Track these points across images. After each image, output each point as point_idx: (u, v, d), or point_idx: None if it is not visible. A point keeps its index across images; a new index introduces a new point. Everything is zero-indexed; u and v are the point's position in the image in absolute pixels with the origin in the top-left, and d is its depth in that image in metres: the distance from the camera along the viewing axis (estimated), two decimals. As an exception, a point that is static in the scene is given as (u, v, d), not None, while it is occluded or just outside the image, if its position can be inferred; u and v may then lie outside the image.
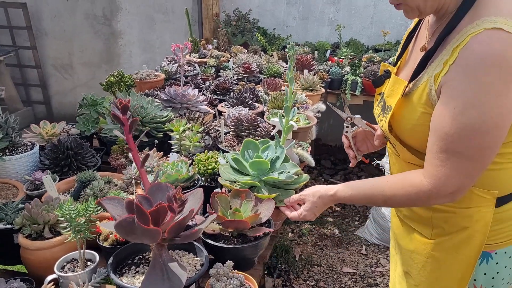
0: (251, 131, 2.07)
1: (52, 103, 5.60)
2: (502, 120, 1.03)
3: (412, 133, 1.20)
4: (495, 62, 0.98)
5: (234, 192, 1.46)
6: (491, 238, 1.24)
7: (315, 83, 3.03)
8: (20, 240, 1.29)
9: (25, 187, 1.69)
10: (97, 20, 5.07)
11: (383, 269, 3.08)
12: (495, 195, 1.19)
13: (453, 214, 1.23)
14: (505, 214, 1.23)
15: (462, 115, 1.03)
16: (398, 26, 4.44)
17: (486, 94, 1.00)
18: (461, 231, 1.23)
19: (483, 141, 1.05)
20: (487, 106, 1.01)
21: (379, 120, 1.36)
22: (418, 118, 1.16)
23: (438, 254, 1.29)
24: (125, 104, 1.26)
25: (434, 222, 1.28)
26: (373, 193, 1.24)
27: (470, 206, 1.21)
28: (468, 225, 1.22)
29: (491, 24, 1.00)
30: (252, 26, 4.49)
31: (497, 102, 1.01)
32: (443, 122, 1.06)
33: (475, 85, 1.01)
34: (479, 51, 1.00)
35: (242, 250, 1.34)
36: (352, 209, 3.89)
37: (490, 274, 1.29)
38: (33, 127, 2.04)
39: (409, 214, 1.37)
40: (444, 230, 1.26)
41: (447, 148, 1.07)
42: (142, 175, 1.31)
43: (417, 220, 1.34)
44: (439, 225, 1.27)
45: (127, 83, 2.46)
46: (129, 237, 1.10)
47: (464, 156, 1.06)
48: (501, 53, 0.98)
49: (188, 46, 2.58)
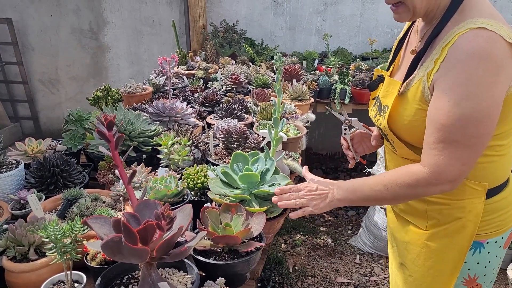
0: (240, 143, 2.05)
1: (40, 118, 5.53)
2: (492, 110, 1.12)
3: (409, 128, 1.27)
4: (482, 56, 1.08)
5: (224, 206, 1.44)
6: (482, 228, 1.31)
7: (303, 92, 3.03)
8: (4, 263, 1.25)
9: (10, 207, 1.65)
10: (84, 34, 5.03)
11: (377, 278, 3.06)
12: (485, 187, 1.27)
13: (448, 206, 1.30)
14: (495, 205, 1.30)
15: (457, 106, 1.11)
16: (385, 34, 4.48)
17: (478, 86, 1.09)
18: (454, 221, 1.30)
19: (477, 130, 1.13)
20: (479, 97, 1.10)
21: (376, 120, 1.41)
22: (414, 114, 1.24)
23: (432, 244, 1.35)
24: (110, 120, 1.23)
25: (429, 214, 1.34)
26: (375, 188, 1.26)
27: (463, 198, 1.28)
28: (461, 215, 1.29)
29: (476, 24, 1.10)
30: (240, 37, 4.50)
31: (488, 93, 1.10)
32: (439, 115, 1.14)
33: (466, 79, 1.10)
34: (467, 47, 1.10)
35: (234, 266, 1.31)
36: (344, 218, 3.88)
37: (483, 263, 1.36)
38: (18, 145, 2.00)
39: (405, 208, 1.43)
40: (439, 221, 1.33)
41: (445, 138, 1.14)
42: (130, 192, 1.28)
43: (413, 213, 1.40)
44: (434, 216, 1.34)
45: (114, 97, 2.43)
46: (117, 257, 1.07)
47: (460, 144, 1.14)
48: (487, 49, 1.08)
49: (175, 58, 2.56)
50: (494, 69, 1.08)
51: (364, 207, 3.97)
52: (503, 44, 1.08)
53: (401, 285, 1.52)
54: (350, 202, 1.32)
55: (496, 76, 1.09)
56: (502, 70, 1.09)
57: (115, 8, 4.77)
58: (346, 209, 4.00)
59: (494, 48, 1.08)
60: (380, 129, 1.40)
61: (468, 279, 1.39)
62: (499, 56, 1.08)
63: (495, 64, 1.08)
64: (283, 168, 1.86)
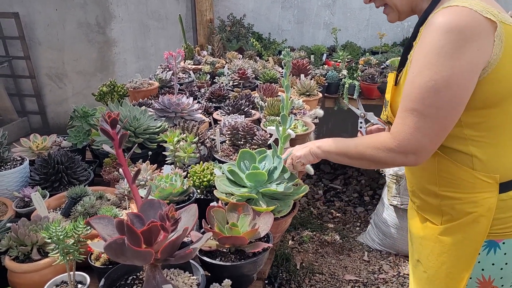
0: (247, 140, 2.01)
1: (47, 113, 5.54)
2: (454, 81, 1.11)
3: None
4: (447, 29, 1.10)
5: (231, 205, 1.41)
6: (497, 227, 1.27)
7: (312, 88, 2.98)
8: (6, 263, 1.23)
9: (14, 205, 1.63)
10: (91, 29, 5.01)
11: (386, 276, 3.02)
12: (497, 179, 1.23)
13: (459, 200, 1.28)
14: (511, 201, 1.26)
15: (418, 76, 1.15)
16: (395, 28, 4.40)
17: (437, 55, 1.11)
18: (467, 216, 1.28)
19: (436, 100, 1.13)
20: (438, 66, 1.11)
21: (383, 115, 1.44)
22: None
23: (445, 238, 1.34)
24: (114, 117, 1.20)
25: (443, 209, 1.33)
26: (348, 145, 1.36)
27: (474, 192, 1.25)
28: (473, 210, 1.26)
29: (448, 4, 1.13)
30: (247, 31, 4.45)
31: (448, 63, 1.10)
32: (405, 85, 1.20)
33: (427, 49, 1.13)
34: (435, 23, 1.13)
35: (240, 267, 1.28)
36: (353, 215, 3.83)
37: (499, 265, 1.32)
38: (23, 141, 1.98)
39: (421, 204, 1.42)
40: (452, 216, 1.31)
41: (406, 107, 1.18)
42: (134, 191, 1.25)
43: (429, 210, 1.39)
44: (447, 212, 1.32)
45: (120, 93, 2.40)
46: (120, 259, 1.04)
47: (420, 114, 1.15)
48: (454, 22, 1.09)
49: (181, 53, 2.53)
50: (460, 41, 1.09)
51: (373, 204, 3.92)
52: (477, 19, 1.08)
53: (416, 282, 1.51)
54: (326, 152, 1.42)
55: (461, 47, 1.09)
56: (471, 43, 1.09)
57: (121, 1, 4.74)
58: (355, 206, 3.96)
59: (463, 21, 1.09)
60: (389, 123, 1.41)
61: (482, 281, 1.35)
62: (469, 29, 1.08)
63: (462, 36, 1.09)
64: (291, 166, 1.82)
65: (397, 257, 3.21)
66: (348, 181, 4.35)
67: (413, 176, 1.45)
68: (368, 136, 1.34)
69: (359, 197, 4.10)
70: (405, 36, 4.41)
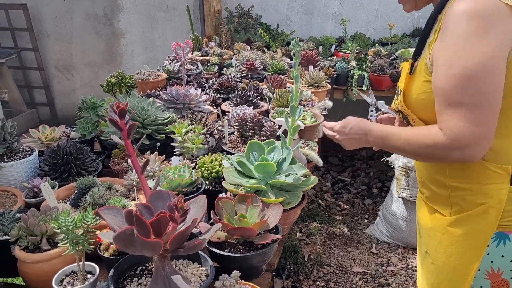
0: (256, 131, 2.00)
1: (55, 104, 5.56)
2: (489, 66, 1.10)
3: (418, 102, 1.28)
4: (471, 15, 1.09)
5: (240, 197, 1.40)
6: (508, 218, 1.26)
7: (320, 79, 2.95)
8: (16, 253, 1.24)
9: (23, 195, 1.64)
10: (98, 20, 5.01)
11: (395, 268, 3.01)
12: (509, 170, 1.22)
13: (470, 191, 1.27)
14: None
15: (450, 68, 1.12)
16: (405, 19, 4.35)
17: (465, 43, 1.10)
18: (477, 207, 1.27)
19: (476, 87, 1.11)
20: (468, 53, 1.10)
21: (395, 104, 1.43)
22: (421, 87, 1.26)
23: (454, 230, 1.33)
24: (122, 108, 1.19)
25: (452, 200, 1.32)
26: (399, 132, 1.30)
27: (486, 183, 1.24)
28: (484, 201, 1.25)
29: None
30: (255, 22, 4.42)
31: (478, 49, 1.09)
32: (439, 81, 1.16)
33: (455, 39, 1.12)
34: (455, 11, 1.12)
35: (249, 258, 1.27)
36: (361, 207, 3.82)
37: (508, 257, 1.31)
38: (32, 132, 1.99)
39: (430, 195, 1.41)
40: (462, 208, 1.30)
41: (450, 102, 1.14)
42: (142, 182, 1.24)
43: (438, 201, 1.38)
44: (457, 203, 1.31)
45: (128, 84, 2.40)
46: (129, 250, 1.04)
47: (466, 105, 1.12)
48: (476, 8, 1.09)
49: (189, 44, 2.51)
50: (485, 26, 1.08)
51: (381, 196, 3.90)
52: (496, 4, 1.08)
53: (424, 273, 1.50)
54: (380, 147, 1.39)
55: (487, 33, 1.08)
56: (496, 28, 1.08)
57: (129, -7, 4.73)
58: (363, 198, 3.94)
59: (483, 7, 1.08)
60: (400, 112, 1.39)
61: (491, 273, 1.34)
62: (491, 15, 1.08)
63: (486, 21, 1.08)
64: (300, 157, 1.81)
65: (405, 249, 3.20)
66: (356, 173, 4.33)
67: (423, 166, 1.44)
68: (416, 132, 1.27)
69: (367, 189, 4.08)
70: (414, 27, 4.36)
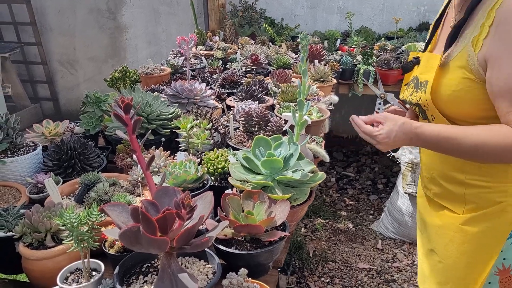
0: (261, 126, 1.98)
1: (59, 99, 5.55)
2: None
3: (453, 99, 1.21)
4: None
5: (246, 193, 1.38)
6: None
7: (326, 74, 2.92)
8: (20, 250, 1.22)
9: (27, 191, 1.62)
10: (102, 14, 4.98)
11: (400, 264, 2.99)
12: None
13: (488, 189, 1.25)
14: None
15: None
16: (410, 13, 4.30)
17: None
18: (494, 205, 1.25)
19: None
20: None
21: (413, 97, 1.35)
22: (458, 84, 1.19)
23: (468, 228, 1.30)
24: (127, 102, 1.17)
25: (468, 198, 1.29)
26: (463, 136, 1.16)
27: (506, 181, 1.23)
28: (503, 199, 1.24)
29: None
30: (259, 16, 4.37)
31: None
32: (507, 80, 1.08)
33: None
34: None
35: (257, 256, 1.25)
36: (366, 203, 3.79)
37: None
38: (36, 127, 1.97)
39: (440, 192, 1.37)
40: (478, 205, 1.28)
41: None
42: (148, 178, 1.22)
43: (449, 198, 1.35)
44: (472, 201, 1.28)
45: (132, 79, 2.37)
46: (135, 247, 1.02)
47: None
48: None
49: (193, 38, 2.48)
50: None
51: (386, 191, 3.88)
52: None
53: (428, 272, 1.47)
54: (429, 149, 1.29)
55: None
56: None
57: (132, -13, 4.69)
58: (368, 194, 3.92)
59: None
60: (418, 105, 1.34)
61: (502, 269, 1.33)
62: None
63: None
64: (307, 153, 1.78)
65: (411, 245, 3.17)
66: (361, 169, 4.30)
67: (434, 163, 1.40)
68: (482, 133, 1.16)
69: (372, 184, 4.05)
70: (421, 21, 4.30)
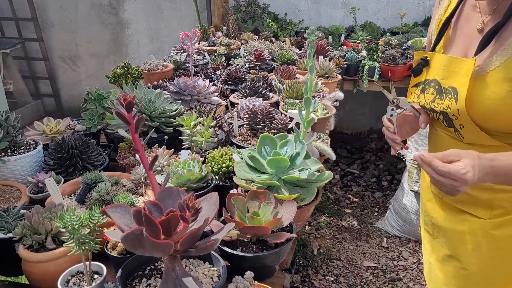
0: (266, 124, 1.94)
1: (61, 95, 5.52)
2: None
3: (492, 112, 1.13)
4: None
5: (252, 193, 1.34)
6: None
7: (331, 69, 2.87)
8: (20, 252, 1.19)
9: (28, 190, 1.59)
10: (103, 10, 4.94)
11: (406, 263, 2.95)
12: None
13: None
14: None
15: None
16: (416, 7, 4.24)
17: None
18: None
19: None
20: None
21: (437, 105, 1.26)
22: (504, 98, 1.11)
23: (497, 233, 1.24)
24: (130, 100, 1.13)
25: (495, 203, 1.24)
26: None
27: None
28: None
29: None
30: (263, 11, 4.32)
31: None
32: None
33: None
34: None
35: (263, 258, 1.22)
36: (371, 200, 3.75)
37: None
38: (36, 124, 1.93)
39: (462, 197, 1.28)
40: (507, 209, 1.23)
41: None
42: (151, 178, 1.19)
43: (473, 203, 1.28)
44: (501, 205, 1.23)
45: (134, 75, 2.34)
46: (138, 251, 0.99)
47: None
48: None
49: (197, 34, 2.44)
50: None
51: (391, 189, 3.84)
52: None
53: (445, 279, 1.41)
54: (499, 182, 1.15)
55: None
56: None
57: (134, -19, 4.64)
58: (373, 191, 3.88)
59: None
60: (444, 114, 1.25)
61: None
62: None
63: None
64: (313, 151, 1.75)
65: (416, 243, 3.14)
66: (366, 166, 4.26)
67: None
68: None
69: (377, 182, 4.01)
70: (426, 16, 4.25)
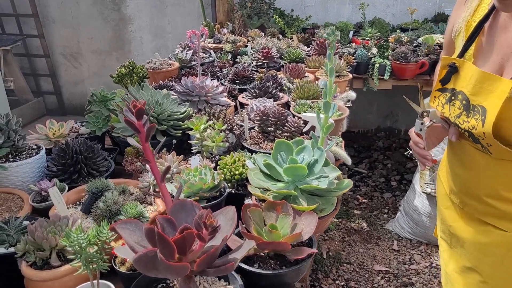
0: (278, 127, 1.86)
1: (62, 93, 5.42)
2: None
3: None
4: None
5: (269, 204, 1.26)
6: None
7: (341, 68, 2.79)
8: (23, 270, 1.11)
9: (31, 199, 1.51)
10: (105, 5, 4.84)
11: (418, 267, 2.88)
12: None
13: None
14: None
15: None
16: (426, 3, 4.14)
17: None
18: None
19: None
20: None
21: (462, 122, 1.17)
22: None
23: None
24: (140, 107, 1.05)
25: None
26: None
27: None
28: None
29: None
30: (269, 7, 4.22)
31: None
32: None
33: None
34: None
35: (282, 276, 1.14)
36: (380, 201, 3.67)
37: None
38: (39, 128, 1.85)
39: (485, 209, 1.24)
40: None
41: None
42: (163, 190, 1.11)
43: (496, 216, 1.22)
44: None
45: (139, 75, 2.25)
46: (151, 273, 0.91)
47: None
48: None
49: (205, 32, 2.35)
50: None
51: (400, 189, 3.75)
52: None
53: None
54: None
55: None
56: None
57: (137, -23, 4.54)
58: (382, 191, 3.79)
59: None
60: (468, 132, 1.16)
61: None
62: None
63: None
64: (328, 156, 1.66)
65: (428, 246, 3.06)
66: (374, 165, 4.17)
67: (482, 181, 1.24)
68: None
69: (386, 182, 3.92)
70: (436, 12, 4.15)
